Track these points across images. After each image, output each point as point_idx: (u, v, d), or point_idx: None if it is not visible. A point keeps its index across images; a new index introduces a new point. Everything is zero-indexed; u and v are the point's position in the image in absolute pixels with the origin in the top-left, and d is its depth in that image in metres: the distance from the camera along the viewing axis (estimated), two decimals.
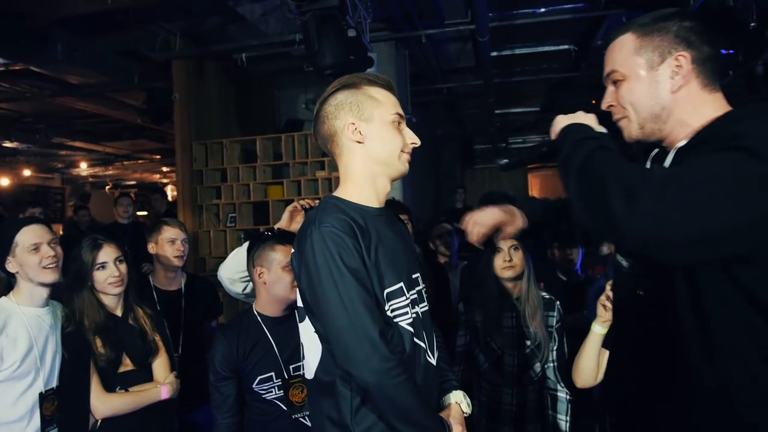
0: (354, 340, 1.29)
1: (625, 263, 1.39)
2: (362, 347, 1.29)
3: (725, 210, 1.01)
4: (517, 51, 6.17)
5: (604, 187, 1.08)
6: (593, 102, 6.52)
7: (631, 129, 1.30)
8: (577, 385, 2.08)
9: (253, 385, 2.01)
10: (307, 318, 1.45)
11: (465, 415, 1.54)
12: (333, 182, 5.64)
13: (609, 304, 1.91)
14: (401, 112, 1.52)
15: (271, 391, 2.01)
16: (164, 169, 13.89)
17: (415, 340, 1.44)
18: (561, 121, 1.35)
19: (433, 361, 1.51)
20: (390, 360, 1.29)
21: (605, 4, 4.68)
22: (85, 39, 5.13)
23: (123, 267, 2.26)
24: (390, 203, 2.76)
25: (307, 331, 1.46)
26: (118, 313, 2.28)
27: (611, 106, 1.34)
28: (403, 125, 1.53)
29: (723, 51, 3.96)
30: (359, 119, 1.48)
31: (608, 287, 1.91)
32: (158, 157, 11.92)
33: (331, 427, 1.40)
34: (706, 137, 1.18)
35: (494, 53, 5.99)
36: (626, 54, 1.27)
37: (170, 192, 12.04)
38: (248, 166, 5.94)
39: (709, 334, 1.13)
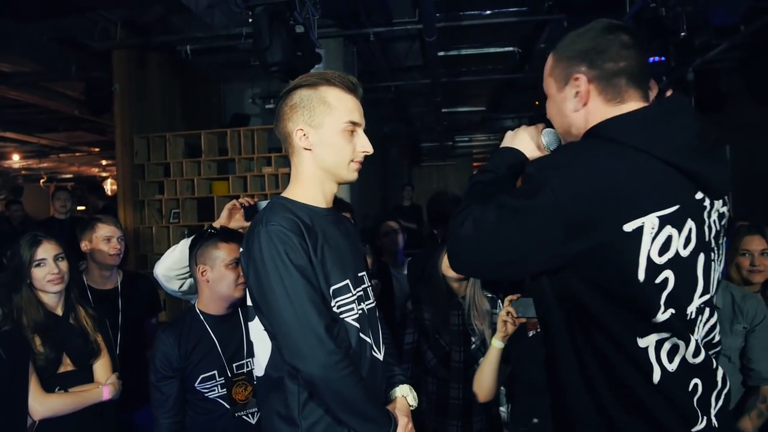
0: (300, 335, 1.33)
1: None
2: (309, 341, 1.32)
3: (511, 245, 1.18)
4: (464, 51, 6.28)
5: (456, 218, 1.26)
6: (536, 103, 6.76)
7: (562, 139, 1.42)
8: (479, 399, 2.13)
9: (196, 384, 1.99)
10: (257, 316, 1.48)
11: (411, 407, 1.58)
12: (280, 178, 5.60)
13: (510, 320, 1.97)
14: (356, 118, 1.51)
15: (214, 390, 2.00)
16: (104, 162, 13.38)
17: (361, 335, 1.48)
18: (504, 140, 1.47)
19: (380, 356, 1.55)
20: (336, 353, 1.33)
21: (548, 9, 4.83)
22: (17, 24, 4.90)
23: (63, 264, 2.19)
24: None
25: (257, 329, 1.48)
26: (59, 312, 2.21)
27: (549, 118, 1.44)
28: (358, 132, 1.52)
29: (654, 58, 4.16)
30: (309, 126, 1.48)
31: (507, 302, 1.99)
32: (97, 149, 11.47)
33: (280, 422, 1.43)
34: None
35: (441, 53, 6.07)
36: (546, 74, 1.36)
37: (110, 186, 11.63)
38: (192, 161, 5.82)
39: (549, 321, 1.28)
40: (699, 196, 1.19)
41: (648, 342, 1.16)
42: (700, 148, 1.19)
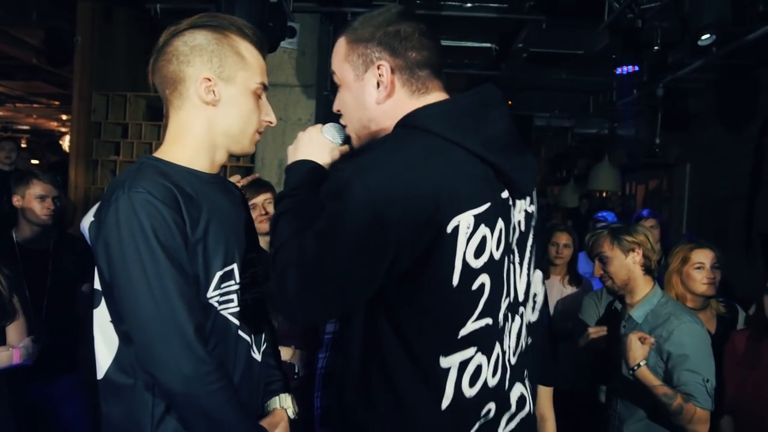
0: (162, 338, 1.05)
1: None
2: (172, 347, 1.05)
3: (345, 277, 1.00)
4: (442, 42, 6.19)
5: (273, 266, 1.06)
6: (510, 102, 6.69)
7: (353, 138, 1.26)
8: None
9: None
10: (103, 302, 1.18)
11: (292, 418, 1.37)
12: None
13: None
14: (266, 81, 1.28)
15: None
16: (63, 117, 12.88)
17: (240, 333, 1.24)
18: (289, 155, 1.25)
19: (258, 357, 1.32)
20: (206, 363, 1.07)
21: (528, 8, 4.78)
22: None
23: None
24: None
25: (102, 319, 1.18)
26: None
27: (338, 110, 1.27)
28: (264, 98, 1.29)
29: (627, 69, 4.16)
30: (218, 77, 1.20)
31: None
32: (57, 103, 11.02)
33: None
34: None
35: None
36: (339, 60, 1.21)
37: (68, 143, 11.22)
38: (153, 124, 5.63)
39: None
40: (505, 194, 1.14)
41: (451, 363, 1.07)
42: (510, 144, 1.15)
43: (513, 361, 1.17)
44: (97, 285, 1.19)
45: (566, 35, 5.37)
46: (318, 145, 1.24)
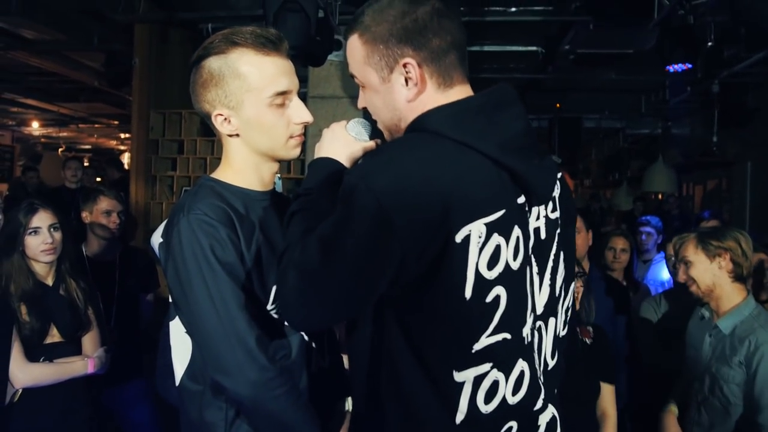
0: (226, 348, 1.12)
1: None
2: (236, 356, 1.12)
3: (348, 283, 0.96)
4: (486, 48, 6.19)
5: (277, 266, 1.04)
6: (558, 105, 6.59)
7: (385, 134, 1.20)
8: None
9: None
10: (177, 316, 1.26)
11: None
12: (292, 163, 5.58)
13: None
14: (283, 86, 1.22)
15: None
16: (122, 135, 13.47)
17: (305, 340, 1.31)
18: (315, 153, 1.21)
19: (325, 364, 1.38)
20: (268, 370, 1.14)
21: (574, 10, 4.73)
22: None
23: (57, 235, 2.18)
24: None
25: (177, 330, 1.26)
26: (49, 282, 2.20)
27: (365, 107, 1.20)
28: (291, 99, 1.25)
29: (680, 66, 4.05)
30: (227, 108, 1.22)
31: None
32: (116, 122, 11.55)
33: None
34: None
35: None
36: (358, 62, 1.13)
37: (127, 160, 11.73)
38: (207, 140, 5.82)
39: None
40: (521, 200, 1.05)
41: (465, 377, 1.01)
42: (528, 146, 1.07)
43: (543, 379, 1.12)
44: (171, 299, 1.27)
45: (614, 35, 5.27)
46: (340, 142, 1.19)
